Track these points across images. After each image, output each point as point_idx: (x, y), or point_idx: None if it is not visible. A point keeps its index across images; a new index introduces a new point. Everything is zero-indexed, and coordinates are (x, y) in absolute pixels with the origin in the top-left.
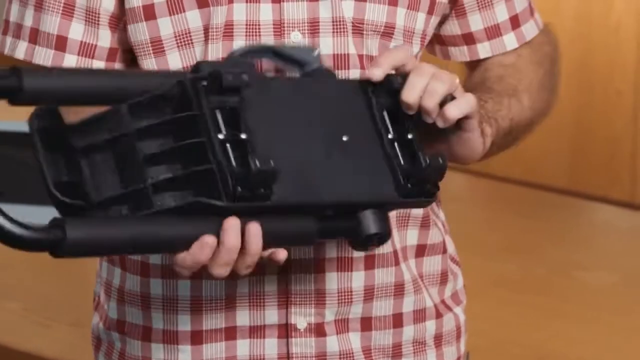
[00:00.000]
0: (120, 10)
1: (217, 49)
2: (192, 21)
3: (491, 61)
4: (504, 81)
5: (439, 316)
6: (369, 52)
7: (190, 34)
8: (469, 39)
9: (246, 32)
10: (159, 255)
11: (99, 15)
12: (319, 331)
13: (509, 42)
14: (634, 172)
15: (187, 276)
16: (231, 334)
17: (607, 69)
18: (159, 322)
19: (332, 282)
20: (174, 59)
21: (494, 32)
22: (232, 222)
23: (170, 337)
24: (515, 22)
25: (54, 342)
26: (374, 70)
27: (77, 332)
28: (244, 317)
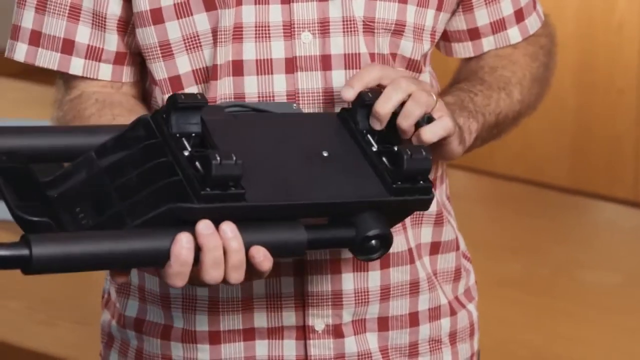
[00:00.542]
0: (127, 14)
1: (226, 51)
2: (200, 24)
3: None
4: (496, 73)
5: (453, 313)
6: (380, 50)
7: (198, 37)
8: (474, 34)
9: (256, 34)
10: None
11: (106, 19)
12: (337, 332)
13: (513, 35)
14: (636, 171)
15: (180, 286)
16: (249, 335)
17: (610, 68)
18: (179, 321)
19: (348, 283)
20: (182, 62)
21: (499, 26)
22: (205, 222)
23: (188, 337)
24: (519, 16)
25: (59, 340)
26: (345, 89)
27: (82, 330)
28: (261, 319)
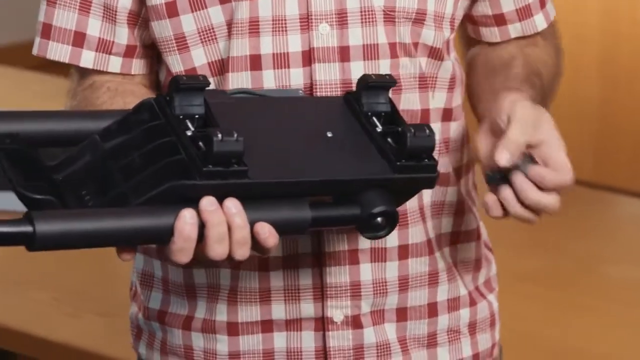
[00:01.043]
0: (138, 7)
1: (242, 44)
2: (214, 17)
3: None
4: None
5: (473, 304)
6: (402, 39)
7: (213, 29)
8: (500, 19)
9: (272, 27)
10: None
11: (117, 12)
12: (356, 323)
13: (539, 22)
14: None
15: (185, 262)
16: (267, 327)
17: (634, 62)
18: (201, 311)
19: (366, 274)
20: (198, 55)
21: (525, 13)
22: (208, 198)
23: (208, 327)
24: (542, 1)
25: (84, 332)
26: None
27: (107, 322)
28: (279, 311)
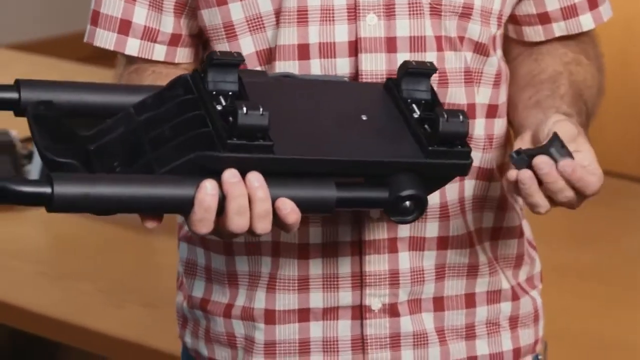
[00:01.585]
0: None
1: (291, 33)
2: (262, 5)
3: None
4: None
5: (516, 298)
6: (447, 33)
7: (261, 18)
8: (544, 18)
9: (320, 17)
10: None
11: (163, 1)
12: (393, 311)
13: (585, 22)
14: None
15: (205, 233)
16: (304, 315)
17: None
18: (241, 299)
19: (405, 262)
20: (246, 43)
21: (570, 12)
22: (231, 171)
23: (247, 314)
24: (593, 3)
25: (127, 322)
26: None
27: (151, 313)
28: (317, 299)
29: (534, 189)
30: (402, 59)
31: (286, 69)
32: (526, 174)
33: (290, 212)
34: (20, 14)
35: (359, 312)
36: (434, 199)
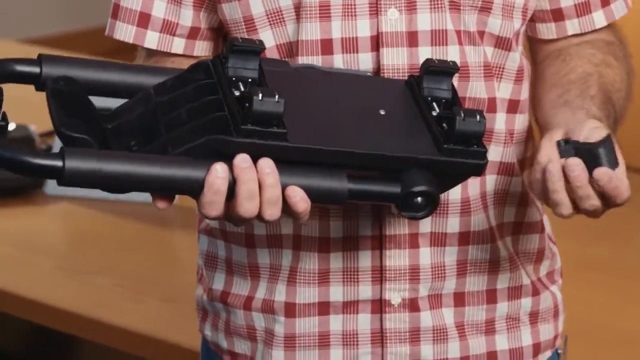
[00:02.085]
0: None
1: (313, 28)
2: (282, 0)
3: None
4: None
5: (536, 294)
6: (466, 27)
7: (281, 12)
8: (557, 15)
9: (342, 12)
10: (263, 225)
11: None
12: (413, 306)
13: (598, 19)
14: None
15: (214, 217)
16: (324, 309)
17: None
18: (261, 292)
19: (425, 258)
20: (266, 37)
21: (583, 9)
22: (242, 155)
23: (267, 306)
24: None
25: (146, 317)
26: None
27: (170, 307)
28: (337, 293)
29: (561, 186)
30: (424, 53)
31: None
32: (555, 166)
33: (299, 200)
34: (38, 8)
35: (379, 306)
36: (455, 194)
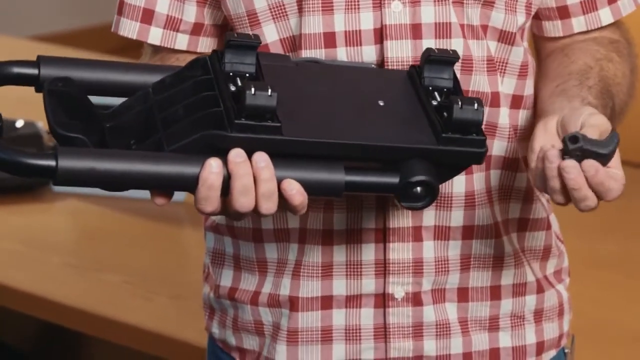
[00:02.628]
0: None
1: (316, 22)
2: None
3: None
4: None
5: (541, 291)
6: (469, 21)
7: (284, 6)
8: (563, 12)
9: (345, 4)
10: (269, 219)
11: None
12: (416, 300)
13: (605, 16)
14: None
15: (210, 212)
16: (327, 303)
17: None
18: (268, 286)
19: (429, 251)
20: (270, 31)
21: (589, 6)
22: (236, 150)
23: (273, 300)
24: None
25: (155, 314)
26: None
27: (179, 305)
28: (340, 286)
29: (583, 182)
30: (428, 46)
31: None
32: (571, 163)
33: (295, 193)
34: (46, 6)
35: (382, 300)
36: (459, 187)
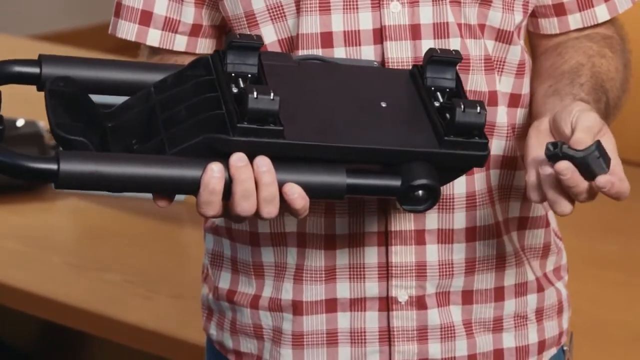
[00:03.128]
0: None
1: (312, 22)
2: None
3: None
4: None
5: (541, 290)
6: (467, 21)
7: (282, 6)
8: (559, 9)
9: (344, 5)
10: (267, 223)
11: None
12: (420, 304)
13: (601, 13)
14: None
15: (211, 216)
16: (332, 306)
17: None
18: (268, 290)
19: (433, 255)
20: (268, 32)
21: (585, 3)
22: (238, 154)
23: (275, 305)
24: None
25: (156, 314)
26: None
27: (180, 304)
28: (344, 289)
29: (579, 178)
30: (427, 46)
31: None
32: (563, 164)
33: (297, 197)
34: (47, 5)
35: (386, 303)
36: (460, 189)
